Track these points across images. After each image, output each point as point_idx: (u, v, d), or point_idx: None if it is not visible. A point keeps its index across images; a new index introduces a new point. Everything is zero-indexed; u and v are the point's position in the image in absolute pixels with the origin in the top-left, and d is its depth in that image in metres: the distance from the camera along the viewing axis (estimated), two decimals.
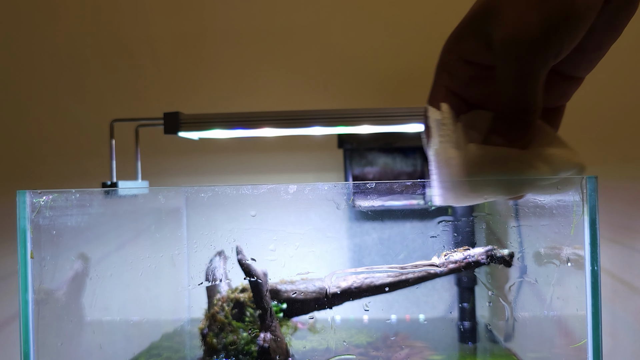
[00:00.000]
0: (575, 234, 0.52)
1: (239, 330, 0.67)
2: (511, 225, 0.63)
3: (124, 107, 1.00)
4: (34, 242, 0.54)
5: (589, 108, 0.92)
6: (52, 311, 0.57)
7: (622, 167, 0.92)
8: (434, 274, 0.65)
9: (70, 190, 0.57)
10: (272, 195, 0.54)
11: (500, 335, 0.74)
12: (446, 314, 0.81)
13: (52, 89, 1.01)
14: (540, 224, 0.59)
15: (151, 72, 1.00)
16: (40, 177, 1.01)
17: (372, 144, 0.84)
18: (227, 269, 0.71)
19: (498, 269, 0.65)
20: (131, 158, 0.82)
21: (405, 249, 0.74)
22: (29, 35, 1.01)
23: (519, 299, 0.64)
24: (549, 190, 0.37)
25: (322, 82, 0.99)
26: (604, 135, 0.93)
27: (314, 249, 0.59)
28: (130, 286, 0.70)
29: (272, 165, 0.99)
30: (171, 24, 1.00)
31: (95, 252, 0.62)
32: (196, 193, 0.58)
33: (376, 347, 0.70)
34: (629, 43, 0.92)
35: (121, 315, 0.69)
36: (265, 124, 0.73)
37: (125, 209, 0.68)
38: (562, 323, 0.59)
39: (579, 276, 0.51)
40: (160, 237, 0.71)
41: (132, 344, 0.72)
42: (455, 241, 0.64)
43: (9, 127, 1.02)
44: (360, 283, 0.66)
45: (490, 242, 0.64)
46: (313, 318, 0.70)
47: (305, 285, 0.68)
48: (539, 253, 0.60)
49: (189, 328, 0.77)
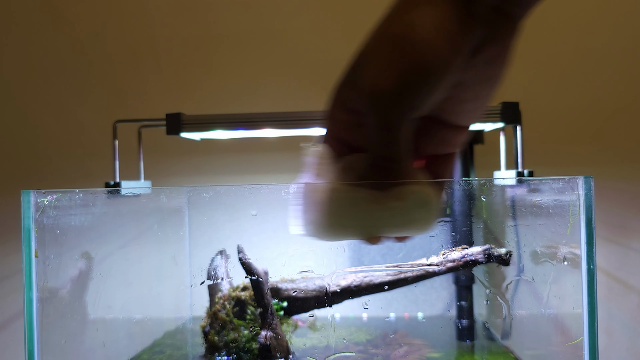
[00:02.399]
0: (572, 233, 0.53)
1: (240, 328, 0.67)
2: (508, 224, 0.64)
3: (127, 108, 1.01)
4: (38, 241, 0.54)
5: (585, 109, 0.92)
6: (56, 309, 0.58)
7: (617, 168, 0.92)
8: (432, 272, 0.66)
9: (74, 190, 0.57)
10: (273, 195, 0.54)
11: (498, 332, 0.74)
12: (444, 312, 0.81)
13: (56, 90, 1.02)
14: (537, 224, 0.60)
15: (154, 73, 1.01)
16: (44, 177, 1.02)
17: None
18: (228, 267, 0.72)
19: (495, 268, 0.65)
20: (134, 158, 0.82)
21: (404, 248, 0.75)
22: (33, 37, 1.02)
23: (516, 297, 0.65)
24: (404, 229, 0.37)
25: (322, 83, 0.99)
26: (599, 136, 0.93)
27: (314, 248, 0.60)
28: (133, 284, 0.70)
29: (273, 166, 1.00)
30: (174, 27, 1.01)
31: (99, 251, 0.63)
32: (198, 193, 0.59)
33: (375, 345, 0.71)
34: (623, 45, 0.93)
35: (124, 313, 0.69)
36: (266, 125, 0.73)
37: (128, 208, 0.69)
38: (558, 321, 0.59)
39: (575, 275, 0.52)
40: (162, 236, 0.72)
41: (135, 342, 0.73)
42: (453, 240, 0.65)
43: (14, 127, 1.02)
44: (360, 281, 0.67)
45: (488, 241, 0.64)
46: (313, 316, 0.71)
47: (306, 283, 0.68)
48: (535, 252, 0.61)
49: (191, 326, 0.78)
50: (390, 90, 0.31)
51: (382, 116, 0.31)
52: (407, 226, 0.37)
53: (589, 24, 0.94)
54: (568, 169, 0.93)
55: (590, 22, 0.94)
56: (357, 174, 0.35)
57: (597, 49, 0.93)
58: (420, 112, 0.32)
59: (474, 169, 0.81)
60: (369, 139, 0.33)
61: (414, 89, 0.30)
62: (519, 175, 0.70)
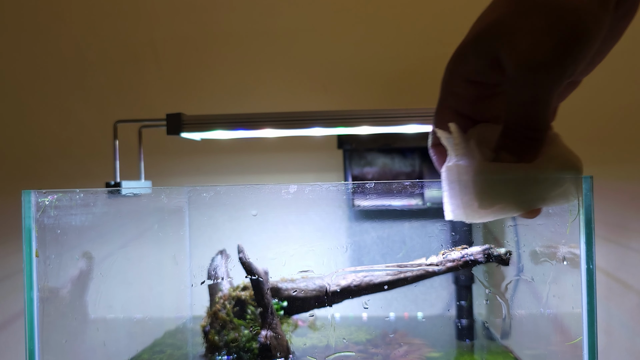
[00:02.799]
0: (571, 233, 0.53)
1: (240, 328, 0.67)
2: (508, 224, 0.64)
3: (127, 109, 1.01)
4: (39, 241, 0.55)
5: (585, 109, 0.93)
6: (56, 309, 0.58)
7: (617, 167, 0.93)
8: (432, 272, 0.66)
9: (74, 190, 0.57)
10: (273, 195, 0.54)
11: (497, 332, 0.74)
12: (444, 311, 0.82)
13: (57, 90, 1.02)
14: (537, 223, 0.60)
15: (154, 74, 1.01)
16: (45, 177, 1.02)
17: (371, 145, 0.85)
18: (228, 267, 0.72)
19: (495, 268, 0.65)
20: (134, 158, 0.82)
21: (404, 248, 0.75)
22: (33, 38, 1.02)
23: (516, 297, 0.65)
24: (559, 200, 0.37)
25: (322, 83, 0.99)
26: (599, 135, 0.93)
27: (314, 247, 0.60)
28: (134, 284, 0.70)
29: (273, 166, 1.00)
30: (174, 27, 1.01)
31: (99, 251, 0.63)
32: (198, 193, 0.59)
33: (375, 344, 0.71)
34: (625, 45, 0.93)
35: (125, 313, 0.69)
36: (266, 125, 0.73)
37: (129, 208, 0.69)
38: (558, 321, 0.60)
39: (575, 274, 0.52)
40: (163, 236, 0.72)
41: (136, 341, 0.73)
42: (453, 240, 0.65)
43: (15, 128, 1.03)
44: (360, 281, 0.67)
45: (488, 240, 0.64)
46: (313, 316, 0.71)
47: (306, 283, 0.68)
48: (535, 252, 0.61)
49: (192, 325, 0.78)
50: (549, 60, 0.29)
51: (539, 89, 0.30)
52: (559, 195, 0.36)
53: None
54: None
55: None
56: (492, 146, 0.34)
57: None
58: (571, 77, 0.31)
59: None
60: (515, 111, 0.31)
61: (576, 55, 0.29)
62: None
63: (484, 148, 0.35)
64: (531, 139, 0.33)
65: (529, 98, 0.30)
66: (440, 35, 0.96)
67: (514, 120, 0.32)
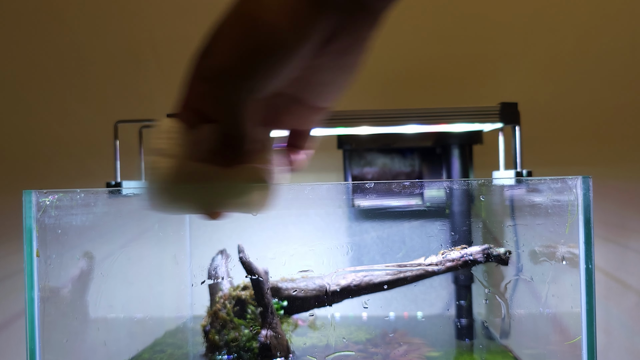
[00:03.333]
0: (570, 232, 0.53)
1: (240, 327, 0.67)
2: (507, 224, 0.64)
3: (128, 109, 1.01)
4: (40, 241, 0.55)
5: (584, 109, 0.93)
6: (57, 309, 0.58)
7: (615, 167, 0.93)
8: (431, 272, 0.66)
9: (75, 190, 0.57)
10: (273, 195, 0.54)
11: (497, 332, 0.75)
12: (443, 311, 0.82)
13: (58, 90, 1.02)
14: (536, 223, 0.60)
15: (155, 74, 1.01)
16: (45, 177, 1.02)
17: (371, 145, 0.85)
18: (228, 267, 0.72)
19: (494, 267, 0.65)
20: (135, 158, 0.83)
21: (403, 248, 0.75)
22: (34, 38, 1.02)
23: (515, 297, 0.65)
24: (241, 208, 0.38)
25: None
26: (598, 135, 0.93)
27: (314, 247, 0.60)
28: (134, 284, 0.71)
29: None
30: (175, 27, 1.01)
31: (100, 250, 0.63)
32: None
33: (375, 344, 0.71)
34: (622, 45, 0.93)
35: (125, 313, 0.70)
36: None
37: (129, 208, 0.69)
38: (557, 320, 0.60)
39: (574, 274, 0.52)
40: (163, 235, 0.72)
41: (136, 341, 0.73)
42: (452, 240, 0.65)
43: (16, 128, 1.03)
44: (360, 281, 0.67)
45: (487, 240, 0.65)
46: (313, 315, 0.71)
47: (306, 283, 0.69)
48: (534, 251, 0.61)
49: (192, 325, 0.78)
50: (230, 67, 0.30)
51: (225, 93, 0.31)
52: (242, 204, 0.37)
53: (588, 24, 0.94)
54: (567, 169, 0.93)
55: (589, 22, 0.94)
56: (208, 147, 0.34)
57: (596, 49, 0.93)
58: (266, 90, 0.32)
59: (472, 169, 0.82)
60: (212, 114, 0.33)
61: (254, 68, 0.30)
62: (517, 176, 0.70)
63: (202, 147, 0.35)
64: (229, 144, 0.34)
65: (219, 101, 0.32)
66: (440, 35, 0.96)
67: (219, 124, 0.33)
